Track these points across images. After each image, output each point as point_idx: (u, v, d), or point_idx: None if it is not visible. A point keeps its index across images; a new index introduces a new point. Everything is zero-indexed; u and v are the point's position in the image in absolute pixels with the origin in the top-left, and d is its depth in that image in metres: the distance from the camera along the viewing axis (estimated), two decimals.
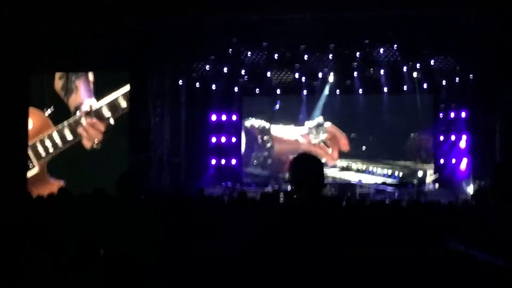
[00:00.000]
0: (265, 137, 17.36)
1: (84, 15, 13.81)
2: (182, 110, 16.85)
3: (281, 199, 9.00)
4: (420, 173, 15.94)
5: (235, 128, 18.00)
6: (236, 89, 17.67)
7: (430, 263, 4.34)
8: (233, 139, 17.88)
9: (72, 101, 16.56)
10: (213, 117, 17.75)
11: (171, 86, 16.39)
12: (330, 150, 16.23)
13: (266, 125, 17.60)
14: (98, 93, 16.44)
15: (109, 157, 15.35)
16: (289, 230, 5.29)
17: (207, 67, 17.10)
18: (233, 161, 17.71)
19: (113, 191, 5.10)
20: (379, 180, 15.73)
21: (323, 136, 16.60)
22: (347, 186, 15.72)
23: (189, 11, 14.03)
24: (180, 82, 16.76)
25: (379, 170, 16.04)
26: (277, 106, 17.77)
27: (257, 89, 17.65)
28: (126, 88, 16.02)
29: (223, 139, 17.73)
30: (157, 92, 15.80)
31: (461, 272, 3.84)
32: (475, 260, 3.66)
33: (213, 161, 17.57)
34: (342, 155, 16.70)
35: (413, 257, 4.65)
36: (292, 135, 17.19)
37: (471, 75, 15.86)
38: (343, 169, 16.21)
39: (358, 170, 16.08)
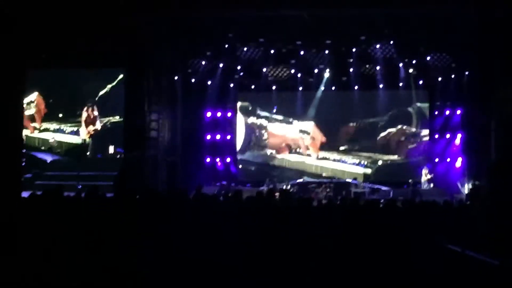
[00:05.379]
0: (263, 131, 18.31)
1: (80, 13, 13.73)
2: (178, 106, 16.79)
3: (277, 197, 9.00)
4: (379, 162, 17.66)
5: (230, 125, 17.97)
6: (231, 85, 17.63)
7: (425, 261, 4.35)
8: (228, 137, 17.85)
9: None
10: (208, 114, 17.67)
11: (167, 82, 16.30)
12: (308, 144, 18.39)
13: (264, 122, 18.36)
14: None
15: None
16: (285, 228, 5.30)
17: (203, 63, 17.05)
18: (228, 160, 17.71)
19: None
20: (351, 168, 17.74)
21: (307, 135, 18.18)
22: (342, 185, 15.81)
23: (185, 7, 13.96)
24: (176, 78, 16.70)
25: (349, 159, 17.96)
26: (274, 110, 18.12)
27: (253, 85, 17.61)
28: None
29: (218, 137, 17.68)
30: (153, 89, 15.68)
31: (456, 270, 3.86)
32: (469, 259, 3.68)
33: (208, 160, 17.54)
34: (321, 147, 18.22)
35: (408, 256, 4.66)
36: (283, 131, 18.38)
37: (467, 72, 15.88)
38: (322, 158, 18.16)
39: (334, 160, 18.10)
